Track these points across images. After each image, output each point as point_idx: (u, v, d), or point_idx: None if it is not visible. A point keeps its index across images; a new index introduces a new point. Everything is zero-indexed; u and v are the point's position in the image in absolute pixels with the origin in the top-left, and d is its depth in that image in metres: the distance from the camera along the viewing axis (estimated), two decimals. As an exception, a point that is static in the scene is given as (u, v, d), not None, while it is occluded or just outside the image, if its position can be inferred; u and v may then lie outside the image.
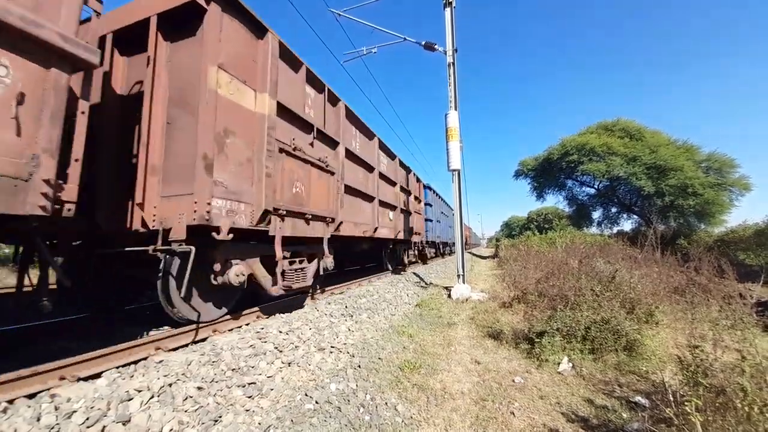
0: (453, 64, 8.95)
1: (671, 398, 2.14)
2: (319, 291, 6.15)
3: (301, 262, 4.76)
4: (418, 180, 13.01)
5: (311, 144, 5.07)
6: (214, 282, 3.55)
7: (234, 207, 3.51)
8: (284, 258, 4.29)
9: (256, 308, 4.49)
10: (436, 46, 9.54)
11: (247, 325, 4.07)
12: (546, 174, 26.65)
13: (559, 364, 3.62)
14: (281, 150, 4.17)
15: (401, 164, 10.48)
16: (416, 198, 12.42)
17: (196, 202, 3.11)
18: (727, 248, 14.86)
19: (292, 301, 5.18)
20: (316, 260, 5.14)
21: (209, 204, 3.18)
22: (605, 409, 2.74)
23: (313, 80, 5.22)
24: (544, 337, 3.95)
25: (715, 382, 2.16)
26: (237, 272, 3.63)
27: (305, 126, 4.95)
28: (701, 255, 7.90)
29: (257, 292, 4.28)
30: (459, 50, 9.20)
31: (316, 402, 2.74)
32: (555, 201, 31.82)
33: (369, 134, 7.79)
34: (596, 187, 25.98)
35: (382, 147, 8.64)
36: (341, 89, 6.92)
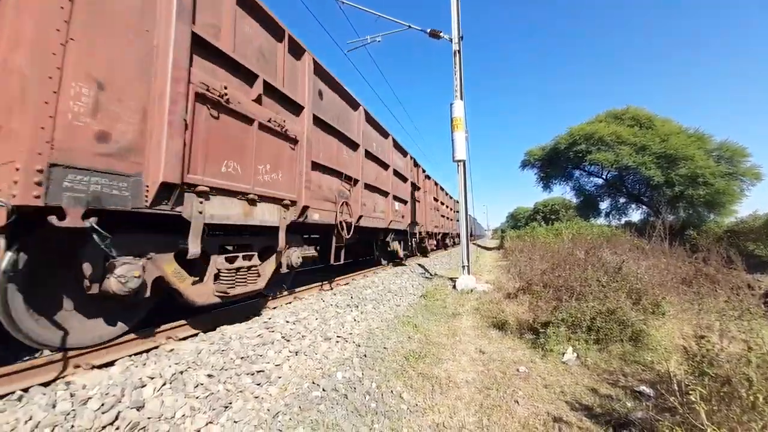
0: (459, 51, 8.81)
1: (676, 388, 2.14)
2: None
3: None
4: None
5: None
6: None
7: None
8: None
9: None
10: (441, 34, 9.38)
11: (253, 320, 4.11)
12: (553, 164, 26.35)
13: (563, 354, 3.64)
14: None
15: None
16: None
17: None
18: (736, 239, 14.68)
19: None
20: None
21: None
22: (609, 399, 2.76)
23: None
24: (549, 328, 3.97)
25: (720, 372, 2.16)
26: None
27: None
28: (710, 246, 7.81)
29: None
30: (465, 37, 9.05)
31: (323, 390, 2.79)
32: (562, 191, 31.49)
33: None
34: (604, 177, 25.66)
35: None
36: (347, 81, 6.84)
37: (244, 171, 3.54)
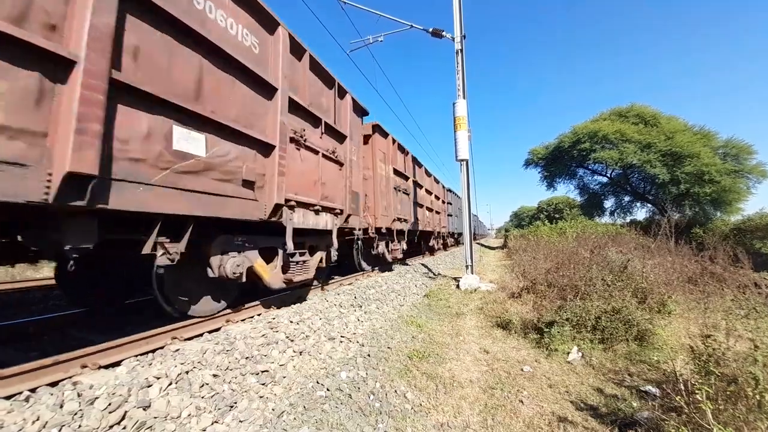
0: (461, 51, 8.79)
1: (682, 387, 2.13)
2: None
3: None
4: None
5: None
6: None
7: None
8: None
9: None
10: (443, 33, 9.37)
11: (258, 315, 4.15)
12: (557, 163, 26.21)
13: (568, 353, 3.62)
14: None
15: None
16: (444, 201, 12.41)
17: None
18: (743, 237, 14.54)
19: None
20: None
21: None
22: (615, 398, 2.75)
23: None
24: (554, 327, 3.95)
25: (726, 371, 2.15)
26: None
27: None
28: (716, 244, 7.74)
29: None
30: (468, 36, 9.03)
31: (328, 389, 2.80)
32: (566, 190, 31.35)
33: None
34: (608, 175, 25.50)
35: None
36: (347, 80, 6.85)
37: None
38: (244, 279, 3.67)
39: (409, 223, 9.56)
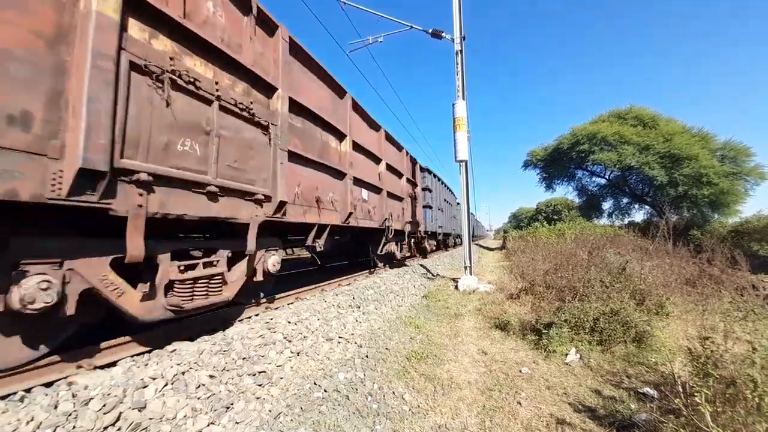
0: (461, 51, 8.80)
1: (680, 389, 2.13)
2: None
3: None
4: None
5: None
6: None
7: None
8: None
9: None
10: (443, 34, 9.37)
11: (256, 315, 4.12)
12: (555, 164, 26.26)
13: (566, 355, 3.62)
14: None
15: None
16: (410, 180, 10.17)
17: None
18: (741, 239, 14.58)
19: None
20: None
21: None
22: (613, 400, 2.74)
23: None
24: (552, 329, 3.95)
25: (725, 373, 2.14)
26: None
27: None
28: (714, 246, 7.76)
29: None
30: (467, 38, 9.03)
31: (325, 390, 2.79)
32: (564, 191, 31.39)
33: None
34: (607, 177, 25.55)
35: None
36: (347, 80, 6.82)
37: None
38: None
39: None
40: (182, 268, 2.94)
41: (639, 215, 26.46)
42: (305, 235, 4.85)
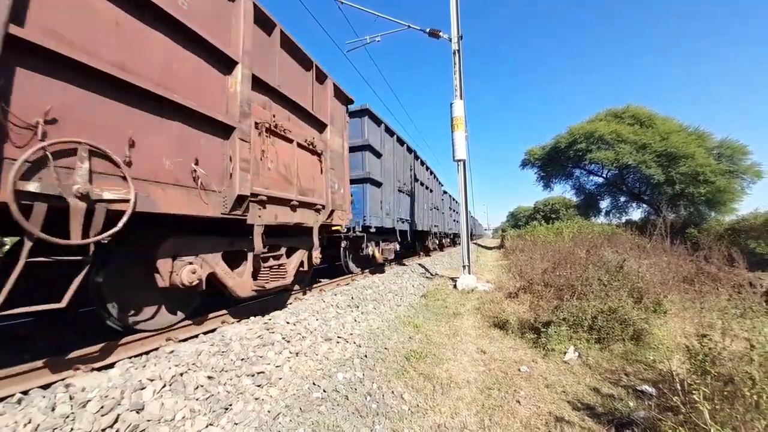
0: (458, 51, 8.79)
1: (678, 387, 2.13)
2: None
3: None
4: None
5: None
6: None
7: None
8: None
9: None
10: (440, 33, 9.37)
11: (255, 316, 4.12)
12: (553, 163, 26.35)
13: (565, 353, 3.62)
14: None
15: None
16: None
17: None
18: (737, 237, 14.67)
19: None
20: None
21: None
22: (611, 398, 2.74)
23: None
24: (550, 327, 3.95)
25: (723, 370, 2.15)
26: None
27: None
28: (711, 244, 7.79)
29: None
30: (464, 37, 9.03)
31: (324, 391, 2.78)
32: (562, 190, 31.51)
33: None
34: (604, 175, 25.65)
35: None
36: (344, 79, 6.81)
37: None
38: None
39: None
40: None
41: (636, 214, 26.61)
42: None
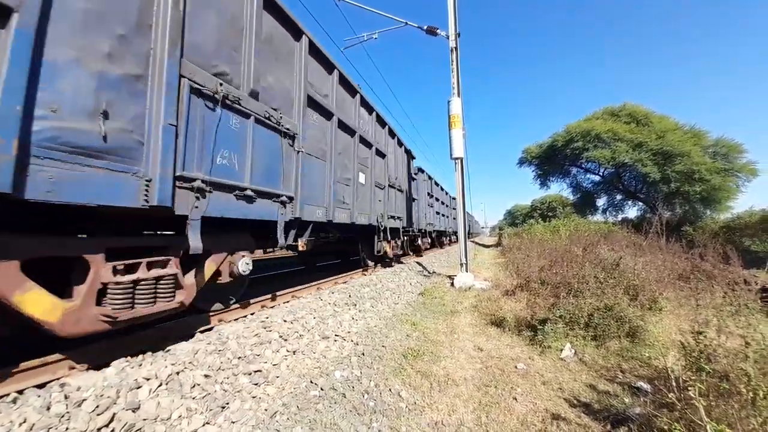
0: (456, 48, 8.77)
1: (674, 384, 2.14)
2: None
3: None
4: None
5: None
6: None
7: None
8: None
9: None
10: (438, 31, 9.34)
11: (252, 314, 4.10)
12: (550, 161, 26.44)
13: (561, 350, 3.64)
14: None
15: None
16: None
17: None
18: (732, 235, 14.78)
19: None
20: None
21: None
22: (607, 395, 2.76)
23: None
24: (547, 325, 3.97)
25: (718, 367, 2.17)
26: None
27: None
28: (706, 242, 7.85)
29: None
30: (462, 34, 9.01)
31: (321, 389, 2.78)
32: (559, 189, 31.78)
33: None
34: (601, 174, 25.78)
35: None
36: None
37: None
38: None
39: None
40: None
41: (632, 212, 26.77)
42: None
